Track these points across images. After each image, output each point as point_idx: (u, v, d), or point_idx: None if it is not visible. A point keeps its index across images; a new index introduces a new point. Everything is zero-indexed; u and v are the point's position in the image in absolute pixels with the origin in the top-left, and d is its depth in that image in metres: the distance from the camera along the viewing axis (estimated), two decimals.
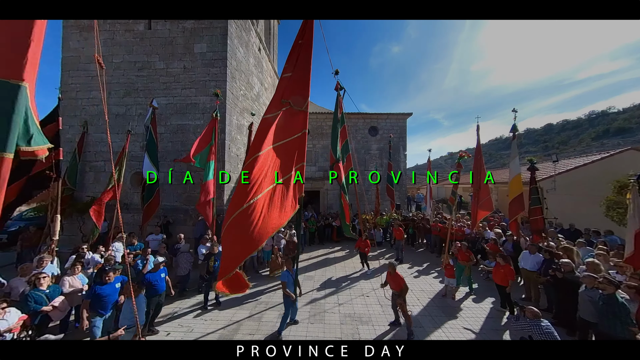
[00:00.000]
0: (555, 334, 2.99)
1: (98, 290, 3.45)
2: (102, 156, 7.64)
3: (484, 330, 4.11)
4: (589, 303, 3.44)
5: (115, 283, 3.62)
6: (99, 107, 7.74)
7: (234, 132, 8.27)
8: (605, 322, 3.09)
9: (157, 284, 4.01)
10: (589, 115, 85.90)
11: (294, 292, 4.02)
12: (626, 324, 2.92)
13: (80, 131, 7.58)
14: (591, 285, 3.49)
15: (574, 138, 77.98)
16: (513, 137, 6.45)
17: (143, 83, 7.72)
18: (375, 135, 13.55)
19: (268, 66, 12.63)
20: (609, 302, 3.07)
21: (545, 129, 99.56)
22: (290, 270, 4.15)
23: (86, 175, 7.65)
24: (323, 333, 4.01)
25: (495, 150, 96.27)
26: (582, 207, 9.01)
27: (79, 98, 7.77)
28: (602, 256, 4.37)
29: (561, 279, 4.04)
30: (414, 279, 6.28)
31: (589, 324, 3.47)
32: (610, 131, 68.18)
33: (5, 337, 2.55)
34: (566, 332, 3.91)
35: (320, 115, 13.76)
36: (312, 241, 9.50)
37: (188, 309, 4.73)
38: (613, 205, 7.00)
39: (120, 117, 7.56)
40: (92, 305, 3.42)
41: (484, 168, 6.60)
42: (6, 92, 1.48)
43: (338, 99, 5.71)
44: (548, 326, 3.07)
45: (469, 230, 7.45)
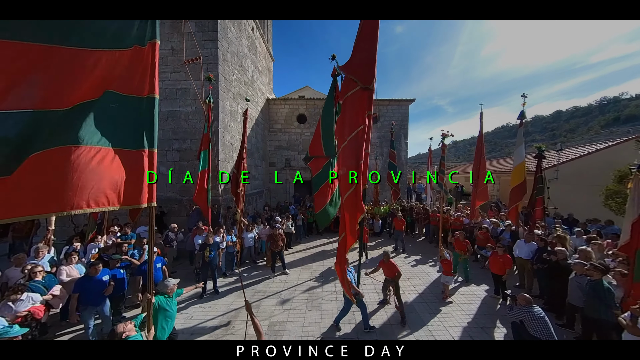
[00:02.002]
0: (546, 318, 3.27)
1: (85, 282, 3.51)
2: None
3: (477, 316, 4.41)
4: (577, 289, 3.72)
5: (102, 275, 3.67)
6: None
7: (228, 120, 8.20)
8: (591, 306, 3.36)
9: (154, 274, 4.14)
10: (600, 102, 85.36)
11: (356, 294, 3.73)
12: (611, 308, 3.18)
13: None
14: (581, 272, 3.74)
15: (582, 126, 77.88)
16: (520, 124, 6.48)
17: None
18: (375, 122, 13.47)
19: (262, 47, 12.26)
20: (596, 287, 3.33)
21: (553, 116, 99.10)
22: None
23: None
24: (320, 319, 4.28)
25: (501, 138, 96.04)
26: (584, 196, 9.23)
27: None
28: (597, 245, 4.62)
29: (554, 266, 4.30)
30: (411, 268, 6.58)
31: (576, 309, 3.78)
32: (620, 119, 68.10)
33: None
34: (555, 316, 4.22)
35: (318, 101, 13.58)
36: (310, 231, 9.75)
37: (187, 297, 4.97)
38: (612, 195, 7.24)
39: None
40: (81, 299, 3.46)
41: (484, 157, 6.71)
42: (152, 103, 2.14)
43: (334, 86, 5.61)
44: (539, 311, 3.34)
45: (468, 220, 7.70)
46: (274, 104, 13.54)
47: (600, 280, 3.34)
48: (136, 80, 2.10)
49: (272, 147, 13.66)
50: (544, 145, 6.11)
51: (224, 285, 5.57)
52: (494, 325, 4.13)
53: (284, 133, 13.60)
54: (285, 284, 5.67)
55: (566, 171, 10.21)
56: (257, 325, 2.18)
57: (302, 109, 13.61)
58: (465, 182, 16.32)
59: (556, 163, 10.45)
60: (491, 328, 4.07)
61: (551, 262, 4.35)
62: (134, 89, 2.10)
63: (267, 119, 13.30)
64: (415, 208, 10.14)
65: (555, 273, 4.29)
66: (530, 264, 4.99)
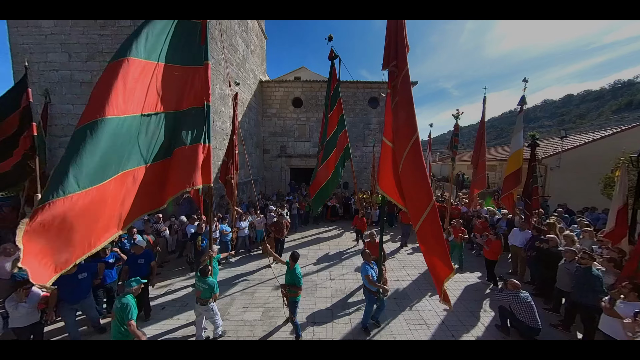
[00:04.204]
0: (532, 303, 3.54)
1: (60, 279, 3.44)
2: (72, 130, 7.44)
3: (467, 302, 4.71)
4: (566, 275, 3.97)
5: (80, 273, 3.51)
6: (60, 73, 7.36)
7: (218, 104, 8.08)
8: (579, 292, 3.62)
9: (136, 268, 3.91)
10: (614, 85, 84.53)
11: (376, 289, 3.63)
12: (598, 293, 3.43)
13: (41, 101, 7.30)
14: (570, 258, 3.98)
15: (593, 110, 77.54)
16: (520, 109, 6.58)
17: (108, 44, 7.26)
18: (375, 107, 13.34)
19: (254, 24, 11.77)
20: (586, 274, 3.56)
21: (564, 100, 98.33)
22: (369, 261, 3.77)
23: (57, 153, 7.58)
24: (314, 305, 4.54)
25: (508, 124, 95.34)
26: (586, 185, 9.38)
27: (33, 62, 7.31)
28: (587, 232, 4.86)
29: (545, 253, 4.55)
30: (407, 256, 6.87)
31: (564, 293, 4.06)
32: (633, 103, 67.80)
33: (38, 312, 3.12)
34: (543, 301, 4.54)
35: (315, 83, 13.31)
36: (307, 221, 9.97)
37: (181, 285, 5.19)
38: (611, 183, 7.45)
39: (87, 85, 7.24)
40: (61, 294, 3.36)
41: (484, 144, 6.79)
42: (208, 109, 2.98)
43: (332, 70, 5.51)
44: (526, 296, 3.62)
45: (466, 209, 7.94)
46: (267, 86, 13.24)
47: (590, 267, 3.57)
48: (200, 92, 2.94)
49: (266, 133, 13.54)
50: (537, 133, 6.22)
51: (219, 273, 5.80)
52: (483, 310, 4.44)
53: (278, 118, 13.43)
54: (280, 272, 5.91)
55: (569, 159, 10.36)
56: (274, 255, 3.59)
57: (297, 92, 13.35)
58: (468, 170, 16.52)
59: (559, 150, 10.58)
60: (480, 312, 4.37)
61: (542, 249, 4.59)
62: (199, 101, 2.94)
63: (260, 102, 13.06)
64: None
65: (545, 260, 4.55)
66: (524, 252, 5.26)
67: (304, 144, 13.60)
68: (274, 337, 3.73)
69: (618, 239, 3.92)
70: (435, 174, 20.21)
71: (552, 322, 4.03)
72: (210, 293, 3.39)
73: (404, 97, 2.79)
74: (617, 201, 3.54)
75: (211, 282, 3.40)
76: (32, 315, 3.12)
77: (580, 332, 3.73)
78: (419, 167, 2.66)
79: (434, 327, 4.00)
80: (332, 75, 5.57)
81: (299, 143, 13.58)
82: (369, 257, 3.80)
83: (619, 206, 3.51)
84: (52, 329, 3.85)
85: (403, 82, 2.81)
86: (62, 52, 7.30)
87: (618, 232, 3.82)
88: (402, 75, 2.81)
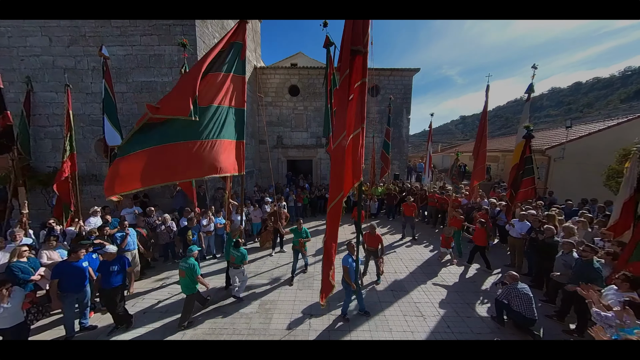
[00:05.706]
0: (530, 295, 3.66)
1: (65, 268, 3.53)
2: (57, 120, 7.35)
3: (464, 293, 4.85)
4: (562, 266, 4.08)
5: (83, 261, 3.72)
6: (41, 58, 7.15)
7: None
8: (577, 284, 3.72)
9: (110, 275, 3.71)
10: (624, 72, 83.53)
11: (355, 282, 3.92)
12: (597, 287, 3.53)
13: (23, 89, 7.13)
14: (568, 250, 4.08)
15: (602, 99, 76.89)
16: (528, 98, 6.55)
17: (91, 27, 7.03)
18: (376, 95, 13.14)
19: None
20: (587, 266, 3.65)
21: (572, 88, 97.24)
22: (353, 253, 4.00)
23: (42, 143, 7.48)
24: (311, 297, 4.66)
25: (513, 113, 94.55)
26: (590, 176, 9.43)
27: (12, 46, 7.09)
28: (581, 223, 4.94)
29: (542, 244, 4.65)
30: (406, 249, 6.99)
31: (560, 285, 4.18)
32: None
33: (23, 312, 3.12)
34: (543, 293, 4.68)
35: (312, 70, 13.03)
36: (305, 213, 10.04)
37: (176, 278, 5.28)
38: (614, 175, 7.51)
39: (70, 72, 7.04)
40: (61, 285, 3.49)
41: (486, 134, 6.79)
42: (243, 113, 3.97)
43: (329, 58, 5.40)
44: (524, 287, 3.74)
45: (466, 201, 8.03)
46: (262, 73, 12.95)
47: (592, 260, 3.66)
48: (241, 97, 3.88)
49: (261, 123, 13.37)
50: (531, 124, 6.19)
51: (211, 265, 5.90)
52: (480, 301, 4.58)
53: (274, 107, 13.23)
54: (277, 264, 6.03)
55: (573, 149, 10.39)
56: None
57: (294, 80, 13.08)
58: (470, 162, 16.56)
59: (564, 141, 10.60)
60: (476, 303, 4.52)
61: (538, 240, 4.69)
62: (239, 103, 3.89)
63: (255, 91, 12.82)
64: (415, 190, 10.39)
65: (542, 251, 4.66)
66: (521, 242, 5.39)
67: (301, 134, 13.46)
68: (270, 329, 3.86)
69: (621, 231, 3.99)
70: (436, 165, 20.24)
71: (547, 313, 4.17)
72: (242, 260, 4.43)
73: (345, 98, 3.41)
74: (624, 193, 3.57)
75: (243, 251, 4.46)
76: (17, 315, 3.08)
77: (572, 324, 3.88)
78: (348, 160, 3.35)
79: (430, 318, 4.14)
80: (329, 64, 5.47)
81: (296, 133, 13.45)
82: (352, 249, 4.06)
83: (626, 198, 3.54)
84: (42, 324, 3.92)
85: (345, 84, 3.32)
86: (43, 36, 7.06)
87: (621, 225, 3.88)
88: (344, 77, 3.27)
